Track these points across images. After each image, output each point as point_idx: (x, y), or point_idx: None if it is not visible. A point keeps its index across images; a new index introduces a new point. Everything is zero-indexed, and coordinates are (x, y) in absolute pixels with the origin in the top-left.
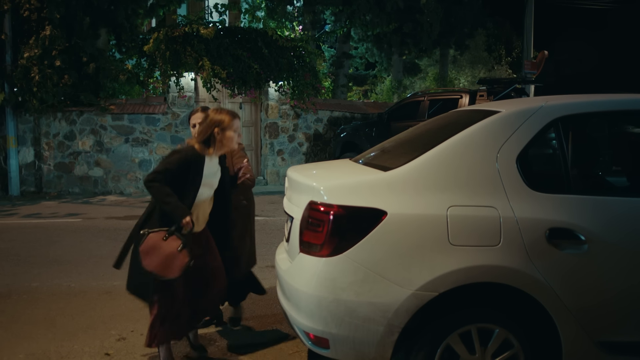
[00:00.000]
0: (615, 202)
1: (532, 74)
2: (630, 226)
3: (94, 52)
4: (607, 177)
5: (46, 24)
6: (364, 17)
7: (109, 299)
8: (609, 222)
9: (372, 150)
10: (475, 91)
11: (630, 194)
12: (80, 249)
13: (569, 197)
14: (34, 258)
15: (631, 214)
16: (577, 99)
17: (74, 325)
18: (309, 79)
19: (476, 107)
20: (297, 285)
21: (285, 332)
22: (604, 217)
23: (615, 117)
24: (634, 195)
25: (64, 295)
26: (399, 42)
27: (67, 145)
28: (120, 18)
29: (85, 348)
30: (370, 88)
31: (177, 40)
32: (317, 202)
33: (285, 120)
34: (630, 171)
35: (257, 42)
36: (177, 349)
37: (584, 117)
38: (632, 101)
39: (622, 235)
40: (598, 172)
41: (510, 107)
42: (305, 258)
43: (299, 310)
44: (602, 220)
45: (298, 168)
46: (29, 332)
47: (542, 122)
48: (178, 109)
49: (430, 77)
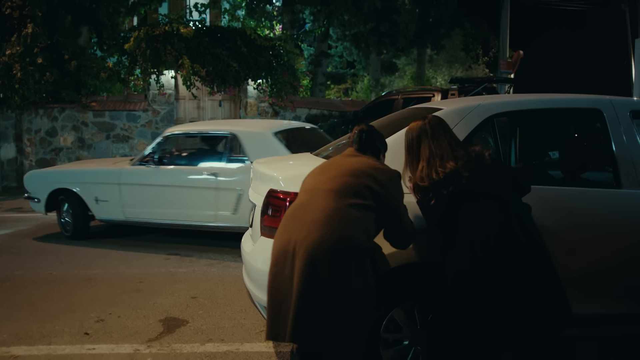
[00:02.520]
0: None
1: (508, 74)
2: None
3: (76, 49)
4: (543, 167)
5: (28, 21)
6: (342, 16)
7: (88, 285)
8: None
9: (330, 145)
10: (447, 90)
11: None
12: (62, 240)
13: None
14: (16, 249)
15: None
16: (511, 98)
17: (55, 309)
18: (287, 77)
19: (423, 105)
20: (258, 265)
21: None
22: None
23: (539, 113)
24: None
25: (45, 283)
26: (376, 41)
27: (49, 142)
28: (102, 16)
29: (65, 328)
30: (350, 86)
31: (157, 39)
32: (277, 190)
33: (263, 117)
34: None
35: (236, 41)
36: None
37: (516, 114)
38: (556, 100)
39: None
40: (531, 162)
41: (450, 106)
42: (265, 240)
43: (260, 287)
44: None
45: (262, 161)
46: (11, 314)
47: (478, 119)
48: (158, 106)
49: (407, 76)
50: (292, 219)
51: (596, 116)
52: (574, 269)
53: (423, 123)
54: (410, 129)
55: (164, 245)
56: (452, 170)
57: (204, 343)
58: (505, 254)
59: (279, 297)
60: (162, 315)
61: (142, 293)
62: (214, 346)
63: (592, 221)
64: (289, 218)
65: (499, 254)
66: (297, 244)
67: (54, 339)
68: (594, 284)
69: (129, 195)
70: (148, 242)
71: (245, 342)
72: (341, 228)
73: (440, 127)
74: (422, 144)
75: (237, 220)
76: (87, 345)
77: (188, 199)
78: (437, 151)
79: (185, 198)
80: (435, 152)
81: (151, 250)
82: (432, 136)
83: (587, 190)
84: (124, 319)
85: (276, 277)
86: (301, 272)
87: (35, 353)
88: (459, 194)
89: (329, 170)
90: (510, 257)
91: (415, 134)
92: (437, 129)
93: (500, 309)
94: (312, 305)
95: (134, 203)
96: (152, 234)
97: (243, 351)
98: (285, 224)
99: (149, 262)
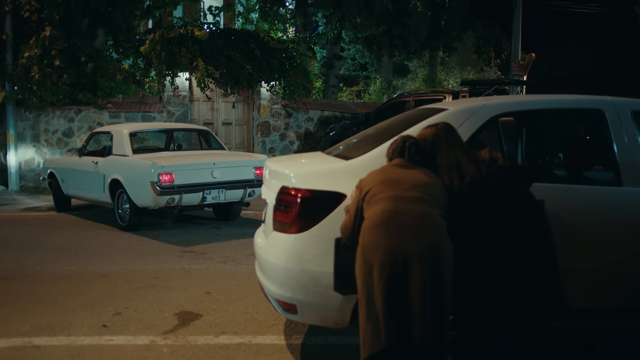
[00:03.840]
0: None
1: (520, 76)
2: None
3: (92, 52)
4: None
5: (46, 24)
6: (354, 19)
7: (105, 281)
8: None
9: (341, 144)
10: (459, 92)
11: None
12: (79, 238)
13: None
14: (35, 246)
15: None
16: (515, 99)
17: (73, 303)
18: (299, 79)
19: (430, 106)
20: (270, 259)
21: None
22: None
23: (543, 113)
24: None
25: (64, 278)
26: (388, 44)
27: (66, 142)
28: (118, 19)
29: (84, 321)
30: (363, 89)
31: (172, 42)
32: (289, 187)
33: (276, 119)
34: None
35: (250, 44)
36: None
37: (519, 114)
38: (559, 101)
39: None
40: (538, 162)
41: (457, 106)
42: (277, 235)
43: (272, 280)
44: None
45: (275, 159)
46: (32, 308)
47: (483, 119)
48: (173, 108)
49: (419, 79)
50: (390, 225)
51: (598, 116)
52: (574, 262)
53: (436, 129)
54: (422, 135)
55: (178, 243)
56: (477, 175)
57: (217, 335)
58: (524, 249)
59: (394, 300)
60: (177, 309)
61: (157, 288)
62: (227, 338)
63: (593, 218)
64: (384, 224)
65: (518, 249)
66: (406, 248)
67: (73, 331)
68: (593, 278)
69: (71, 177)
70: (162, 241)
71: (258, 335)
72: (440, 232)
73: (453, 133)
74: (440, 152)
75: (104, 197)
76: (105, 336)
77: (84, 181)
78: (453, 158)
79: (82, 180)
80: (451, 159)
81: (165, 248)
82: (447, 143)
83: (589, 187)
84: (140, 312)
85: (390, 282)
86: (420, 274)
87: (55, 343)
88: (481, 198)
89: (402, 180)
90: (528, 250)
91: (430, 140)
92: (450, 135)
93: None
94: (431, 305)
95: (70, 183)
96: (166, 233)
97: (255, 343)
98: (382, 230)
99: (163, 259)
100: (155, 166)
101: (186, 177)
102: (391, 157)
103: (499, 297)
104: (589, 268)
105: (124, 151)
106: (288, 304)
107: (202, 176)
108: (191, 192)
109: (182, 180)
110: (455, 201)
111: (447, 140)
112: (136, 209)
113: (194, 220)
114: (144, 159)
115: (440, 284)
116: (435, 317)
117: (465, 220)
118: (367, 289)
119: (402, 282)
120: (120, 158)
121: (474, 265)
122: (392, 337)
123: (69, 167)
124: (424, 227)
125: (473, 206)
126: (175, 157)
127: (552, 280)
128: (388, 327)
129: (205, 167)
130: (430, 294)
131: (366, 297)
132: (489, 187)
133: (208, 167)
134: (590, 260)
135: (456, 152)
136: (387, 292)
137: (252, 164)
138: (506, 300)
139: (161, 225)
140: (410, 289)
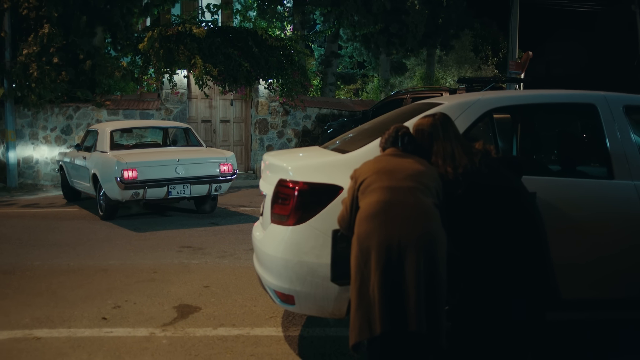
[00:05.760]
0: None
1: (517, 74)
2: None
3: (91, 49)
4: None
5: (44, 22)
6: (352, 17)
7: (105, 275)
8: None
9: (338, 139)
10: (456, 89)
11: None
12: (78, 234)
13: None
14: (34, 241)
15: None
16: (508, 94)
17: (73, 296)
18: (297, 77)
19: (426, 101)
20: (268, 251)
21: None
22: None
23: (536, 108)
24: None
25: (63, 272)
26: (386, 42)
27: (64, 140)
28: (116, 17)
29: (84, 314)
30: (360, 87)
31: (170, 39)
32: (286, 180)
33: (274, 116)
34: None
35: (248, 41)
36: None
37: (513, 108)
38: (552, 95)
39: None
40: (531, 155)
41: (452, 100)
42: (275, 227)
43: (270, 272)
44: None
45: (273, 153)
46: (32, 301)
47: (477, 113)
48: (171, 105)
49: (417, 77)
50: (384, 215)
51: (591, 111)
52: (566, 254)
53: (433, 119)
54: (420, 125)
55: (176, 239)
56: (471, 166)
57: (216, 327)
58: (513, 239)
59: (390, 290)
60: (176, 302)
61: (156, 282)
62: (226, 330)
63: (586, 210)
64: (379, 215)
65: (507, 239)
66: (401, 238)
67: (73, 323)
68: (584, 269)
69: (72, 170)
70: (160, 236)
71: (256, 327)
72: (434, 222)
73: (450, 124)
74: (436, 141)
75: (90, 189)
76: (105, 328)
77: (79, 174)
78: (449, 148)
79: (78, 173)
80: (447, 149)
81: (164, 243)
82: (444, 133)
83: (582, 180)
84: (140, 305)
85: (385, 272)
86: (415, 263)
87: (56, 335)
88: (473, 188)
89: (396, 170)
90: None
91: (427, 130)
92: (447, 125)
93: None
94: (425, 294)
95: (72, 175)
96: (164, 228)
97: (253, 335)
98: (378, 220)
99: (162, 254)
100: (120, 163)
101: (150, 173)
102: (384, 146)
103: (491, 288)
104: (580, 260)
105: (103, 148)
106: (286, 295)
107: (166, 172)
108: (155, 187)
109: (145, 176)
110: (449, 190)
111: (444, 131)
112: (109, 201)
113: (192, 217)
114: (114, 155)
115: (435, 273)
116: (430, 306)
117: (457, 211)
118: (360, 278)
119: (398, 271)
120: (100, 154)
121: (467, 256)
122: (387, 326)
123: (70, 161)
124: (418, 217)
125: (465, 196)
126: (142, 154)
127: (542, 270)
128: (383, 315)
129: (169, 164)
130: (425, 283)
131: (359, 286)
132: (481, 177)
133: (172, 163)
134: (582, 252)
135: (452, 143)
136: (383, 281)
137: (218, 160)
138: (498, 290)
139: (159, 221)
140: (406, 278)
